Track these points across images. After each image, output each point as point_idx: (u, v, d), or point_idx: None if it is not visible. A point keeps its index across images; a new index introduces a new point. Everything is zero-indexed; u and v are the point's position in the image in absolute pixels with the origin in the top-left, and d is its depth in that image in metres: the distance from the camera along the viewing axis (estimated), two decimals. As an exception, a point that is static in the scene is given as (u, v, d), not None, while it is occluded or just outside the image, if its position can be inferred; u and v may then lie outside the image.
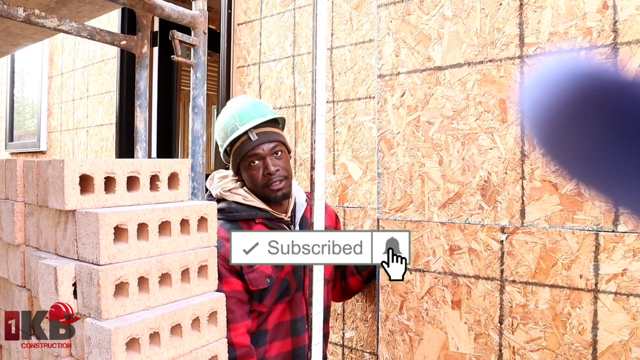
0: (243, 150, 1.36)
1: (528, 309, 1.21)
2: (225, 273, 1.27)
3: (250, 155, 1.36)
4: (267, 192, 1.37)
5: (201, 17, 1.42)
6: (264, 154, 1.36)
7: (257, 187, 1.37)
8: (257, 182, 1.36)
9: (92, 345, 0.84)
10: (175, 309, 0.92)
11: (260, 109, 1.40)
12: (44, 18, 1.10)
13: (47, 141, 3.59)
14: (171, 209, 0.97)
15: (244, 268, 1.30)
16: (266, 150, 1.36)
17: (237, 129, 1.36)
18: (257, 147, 1.35)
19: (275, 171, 1.35)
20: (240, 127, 1.36)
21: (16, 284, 1.07)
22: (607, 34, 1.11)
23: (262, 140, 1.35)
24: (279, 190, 1.37)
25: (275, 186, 1.36)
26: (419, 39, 1.39)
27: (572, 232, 1.15)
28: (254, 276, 1.30)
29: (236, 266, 1.29)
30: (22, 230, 1.07)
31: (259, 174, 1.36)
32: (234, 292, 1.28)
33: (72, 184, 0.87)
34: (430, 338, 1.37)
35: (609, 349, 1.10)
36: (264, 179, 1.36)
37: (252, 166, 1.36)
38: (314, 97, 1.26)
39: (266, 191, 1.37)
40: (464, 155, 1.31)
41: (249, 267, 1.31)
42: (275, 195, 1.37)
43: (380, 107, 1.47)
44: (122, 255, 0.88)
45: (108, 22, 3.02)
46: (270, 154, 1.36)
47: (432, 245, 1.36)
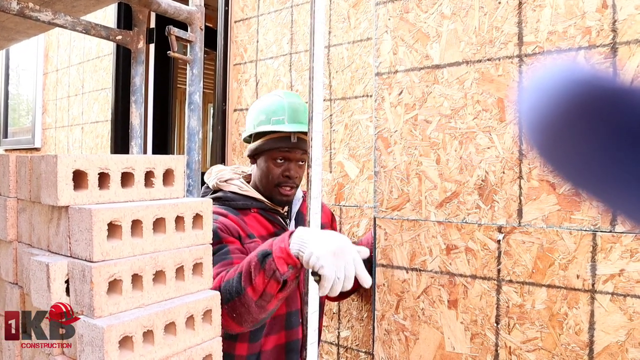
0: (277, 145, 1.38)
1: (525, 309, 1.20)
2: (225, 235, 1.28)
3: (281, 152, 1.38)
4: (274, 192, 1.40)
5: (198, 13, 1.41)
6: (293, 158, 1.39)
7: (267, 181, 1.40)
8: (272, 178, 1.39)
9: (85, 343, 0.83)
10: (170, 307, 0.91)
11: (306, 115, 1.43)
12: (38, 12, 1.09)
13: (41, 138, 3.57)
14: (166, 206, 0.96)
15: (243, 238, 1.32)
16: (297, 156, 1.40)
17: (283, 123, 1.38)
18: (292, 150, 1.38)
19: (294, 178, 1.40)
20: (287, 124, 1.37)
21: (8, 281, 1.06)
22: (606, 34, 1.10)
23: (299, 147, 1.39)
24: (286, 196, 1.41)
25: (286, 191, 1.40)
26: (417, 37, 1.38)
27: (570, 232, 1.14)
28: (254, 246, 1.31)
29: (235, 233, 1.30)
30: (15, 226, 1.05)
31: (279, 171, 1.38)
32: (236, 246, 1.28)
33: (65, 179, 0.86)
34: (426, 338, 1.36)
35: (606, 349, 1.10)
36: (281, 179, 1.39)
37: (276, 162, 1.39)
38: (311, 95, 1.25)
39: (274, 191, 1.40)
40: (461, 154, 1.30)
41: (248, 238, 1.32)
42: (281, 198, 1.41)
43: (378, 105, 1.46)
44: (115, 252, 0.87)
45: (104, 17, 3.00)
46: (297, 160, 1.40)
47: (429, 244, 1.36)
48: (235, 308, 1.07)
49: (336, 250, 0.99)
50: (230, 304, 1.07)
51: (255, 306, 1.06)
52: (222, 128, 2.19)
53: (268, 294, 1.04)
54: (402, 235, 1.40)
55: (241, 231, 1.33)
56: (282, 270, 1.02)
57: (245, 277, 1.06)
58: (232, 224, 1.32)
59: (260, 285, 1.03)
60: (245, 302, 1.06)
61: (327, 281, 0.97)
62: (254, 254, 1.07)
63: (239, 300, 1.06)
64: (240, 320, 1.09)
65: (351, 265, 1.00)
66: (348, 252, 1.00)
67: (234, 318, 1.09)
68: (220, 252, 1.24)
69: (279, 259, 1.02)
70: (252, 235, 1.34)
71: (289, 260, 1.02)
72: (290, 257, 1.02)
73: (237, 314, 1.08)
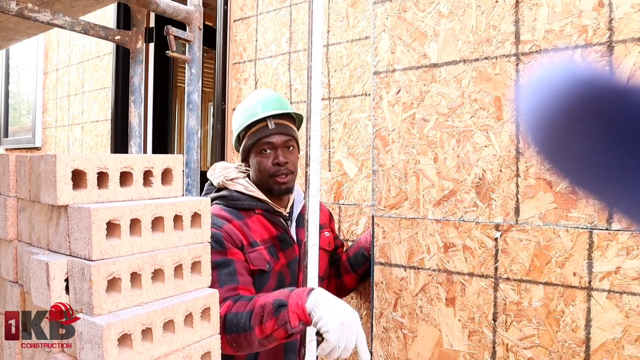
0: (258, 136, 1.39)
1: (522, 307, 1.21)
2: (229, 245, 1.30)
3: (264, 142, 1.38)
4: (271, 183, 1.40)
5: (196, 12, 1.41)
6: (277, 144, 1.39)
7: (263, 175, 1.40)
8: (264, 170, 1.39)
9: (84, 341, 0.84)
10: (168, 305, 0.92)
11: (282, 102, 1.44)
12: (37, 12, 1.10)
13: (42, 137, 3.57)
14: (164, 205, 0.96)
15: (246, 247, 1.33)
16: (280, 141, 1.39)
17: (257, 114, 1.39)
18: (272, 136, 1.38)
19: (284, 163, 1.39)
20: (261, 113, 1.38)
21: (8, 279, 1.07)
22: (602, 32, 1.11)
23: (279, 131, 1.38)
24: (284, 184, 1.40)
25: (281, 179, 1.39)
26: (414, 36, 1.39)
27: (566, 229, 1.15)
28: (255, 256, 1.33)
29: (238, 243, 1.32)
30: (15, 225, 1.06)
31: (269, 162, 1.39)
32: (240, 262, 1.30)
33: (64, 179, 0.87)
34: (424, 335, 1.37)
35: (602, 346, 1.10)
36: (273, 168, 1.39)
37: (263, 154, 1.39)
38: (309, 93, 1.25)
39: (271, 182, 1.40)
40: (459, 152, 1.31)
41: (251, 247, 1.33)
42: (279, 187, 1.40)
43: (376, 104, 1.47)
44: (114, 251, 0.87)
45: (104, 17, 3.01)
46: (283, 145, 1.40)
47: (427, 242, 1.36)
48: (238, 341, 1.13)
49: (344, 321, 1.06)
50: (234, 336, 1.13)
51: (257, 344, 1.13)
52: (221, 127, 2.19)
53: (274, 337, 1.11)
54: (400, 233, 1.41)
55: (244, 239, 1.34)
56: (294, 324, 1.08)
57: (256, 318, 1.11)
58: (236, 232, 1.33)
59: (269, 329, 1.10)
60: (249, 338, 1.12)
61: (327, 345, 1.05)
62: (270, 300, 1.12)
63: (244, 335, 1.12)
64: (238, 349, 1.16)
65: (353, 338, 1.07)
66: (354, 325, 1.08)
67: (233, 347, 1.15)
68: (226, 268, 1.26)
69: (293, 314, 1.08)
70: (255, 243, 1.35)
71: (302, 317, 1.08)
72: (304, 314, 1.08)
73: (237, 345, 1.14)
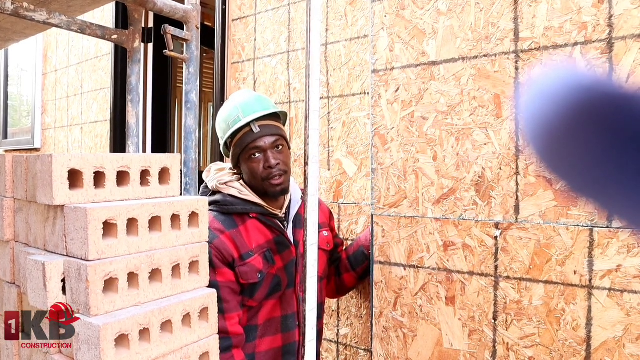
0: (244, 142, 1.35)
1: (522, 305, 1.20)
2: (218, 263, 1.27)
3: (251, 148, 1.35)
4: (266, 186, 1.36)
5: (194, 11, 1.41)
6: (265, 146, 1.35)
7: (256, 180, 1.36)
8: (257, 175, 1.35)
9: (81, 342, 0.83)
10: (166, 305, 0.92)
11: (263, 102, 1.40)
12: (32, 11, 1.09)
13: (41, 138, 3.57)
14: (162, 204, 0.96)
15: (236, 261, 1.30)
16: (268, 143, 1.35)
17: (239, 120, 1.35)
18: (259, 140, 1.35)
19: (276, 165, 1.35)
20: (242, 118, 1.35)
21: (6, 280, 1.06)
22: (602, 29, 1.10)
23: (265, 133, 1.35)
24: (279, 185, 1.36)
25: (275, 181, 1.35)
26: (413, 33, 1.38)
27: (567, 228, 1.14)
28: (245, 270, 1.30)
29: (228, 258, 1.29)
30: (12, 226, 1.06)
31: (260, 166, 1.35)
32: (228, 282, 1.28)
33: (60, 178, 0.86)
34: (424, 334, 1.36)
35: (603, 345, 1.10)
36: (265, 172, 1.35)
37: (252, 159, 1.36)
38: (308, 92, 1.25)
39: (265, 185, 1.36)
40: (458, 150, 1.30)
41: (241, 260, 1.31)
42: (274, 190, 1.36)
43: (375, 102, 1.46)
44: (111, 251, 0.87)
45: (102, 18, 3.00)
46: (271, 147, 1.36)
47: (426, 241, 1.36)
48: None
49: None
50: None
51: None
52: (220, 127, 2.18)
53: None
54: (400, 232, 1.40)
55: (235, 252, 1.30)
56: None
57: None
58: (226, 247, 1.30)
59: None
60: None
61: None
62: None
63: None
64: None
65: None
66: None
67: None
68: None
69: None
70: (247, 254, 1.32)
71: None
72: None
73: None
